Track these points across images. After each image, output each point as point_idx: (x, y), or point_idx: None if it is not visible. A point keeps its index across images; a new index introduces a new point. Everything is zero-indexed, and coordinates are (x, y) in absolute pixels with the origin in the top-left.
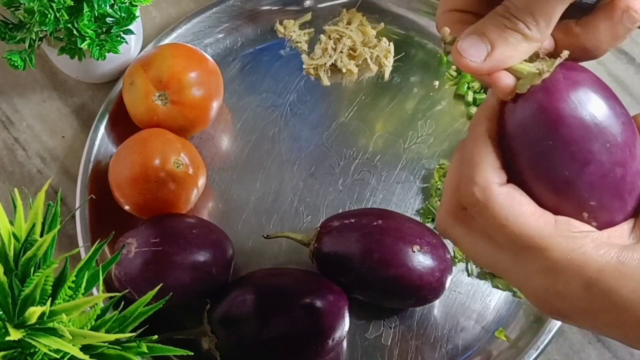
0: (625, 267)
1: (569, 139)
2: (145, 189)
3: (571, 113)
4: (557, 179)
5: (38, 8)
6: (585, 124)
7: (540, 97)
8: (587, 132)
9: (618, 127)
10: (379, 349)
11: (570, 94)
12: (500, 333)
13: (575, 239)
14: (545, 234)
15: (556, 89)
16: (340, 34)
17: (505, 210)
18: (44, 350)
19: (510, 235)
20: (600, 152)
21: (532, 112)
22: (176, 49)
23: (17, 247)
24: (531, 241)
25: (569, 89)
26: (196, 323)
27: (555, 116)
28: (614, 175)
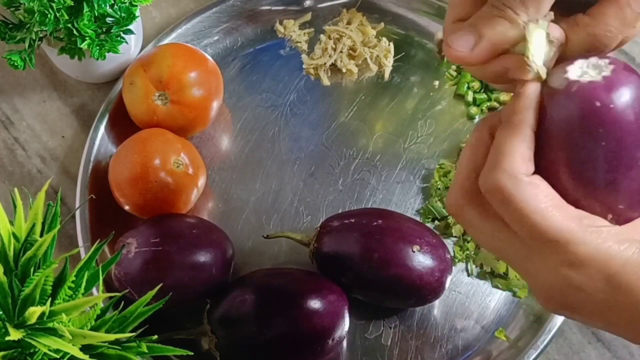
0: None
1: (617, 142)
2: (145, 189)
3: (622, 117)
4: (595, 180)
5: (38, 8)
6: (635, 129)
7: (590, 95)
8: (636, 137)
9: None
10: (379, 349)
11: (622, 96)
12: (500, 333)
13: (600, 233)
14: (570, 228)
15: (609, 89)
16: (340, 33)
17: (532, 202)
18: (44, 350)
19: (533, 227)
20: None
21: (579, 111)
22: (176, 49)
23: (17, 247)
24: (556, 235)
25: (622, 90)
26: (196, 323)
27: (606, 118)
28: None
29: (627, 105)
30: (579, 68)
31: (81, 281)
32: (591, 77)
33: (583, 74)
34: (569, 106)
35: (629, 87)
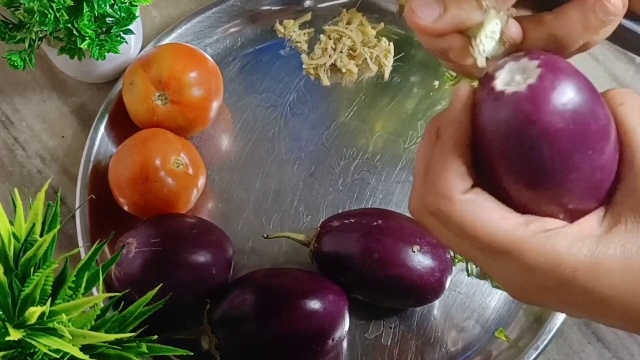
0: (599, 266)
1: (551, 151)
2: (145, 189)
3: (550, 126)
4: (536, 185)
5: (38, 8)
6: (571, 133)
7: (515, 108)
8: (573, 141)
9: (600, 131)
10: (379, 349)
11: (547, 105)
12: (500, 333)
13: (548, 238)
14: (516, 237)
15: (540, 92)
16: (340, 33)
17: (470, 220)
18: (44, 350)
19: (480, 244)
20: (582, 161)
21: (506, 123)
22: (176, 49)
23: (17, 247)
24: (503, 247)
25: (547, 99)
26: (196, 323)
27: (533, 130)
28: (594, 179)
29: (554, 113)
30: (508, 73)
31: (81, 281)
32: (516, 86)
33: (510, 81)
34: (498, 116)
35: (555, 94)
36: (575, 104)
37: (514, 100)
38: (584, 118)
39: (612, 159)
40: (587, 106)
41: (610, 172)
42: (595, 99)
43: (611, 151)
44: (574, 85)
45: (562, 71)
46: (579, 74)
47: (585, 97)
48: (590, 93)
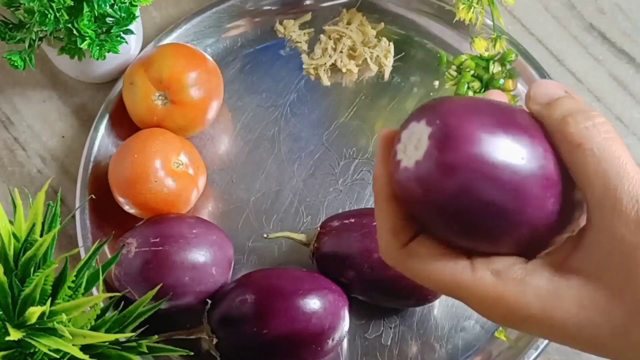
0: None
1: (461, 223)
2: (145, 189)
3: (446, 201)
4: (470, 243)
5: (38, 8)
6: (471, 203)
7: (412, 179)
8: (475, 212)
9: (511, 191)
10: (379, 349)
11: (432, 185)
12: (500, 333)
13: (495, 283)
14: (463, 282)
15: (418, 178)
16: (340, 33)
17: (417, 271)
18: (44, 350)
19: (438, 289)
20: (498, 225)
21: (410, 191)
22: (176, 49)
23: (17, 247)
24: (455, 292)
25: (430, 178)
26: (196, 323)
27: (431, 205)
28: (521, 235)
29: (446, 189)
30: (404, 140)
31: (81, 281)
32: (407, 161)
33: (405, 149)
34: (400, 183)
35: (442, 172)
36: (470, 173)
37: (405, 178)
38: (485, 184)
39: (539, 208)
40: (489, 167)
41: (538, 221)
42: (509, 144)
43: (539, 198)
44: (467, 157)
45: (455, 144)
46: (486, 126)
47: (487, 156)
48: (498, 144)
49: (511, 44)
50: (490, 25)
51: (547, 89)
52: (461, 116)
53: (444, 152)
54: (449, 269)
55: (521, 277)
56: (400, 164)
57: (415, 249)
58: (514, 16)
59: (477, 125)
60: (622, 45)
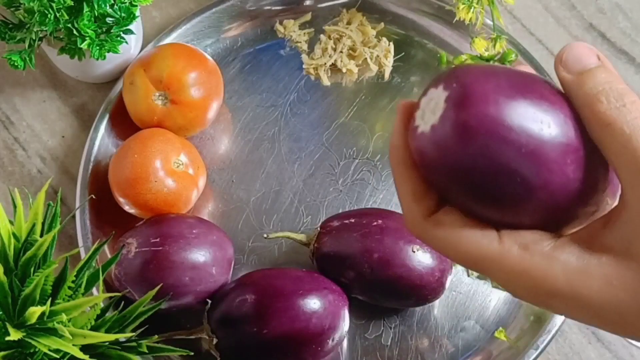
0: (581, 276)
1: (475, 189)
2: (145, 189)
3: (459, 165)
4: (487, 206)
5: (38, 8)
6: (488, 166)
7: (422, 149)
8: (494, 173)
9: (527, 155)
10: (379, 349)
11: (459, 141)
12: (500, 333)
13: (522, 255)
14: (492, 254)
15: (433, 141)
16: (340, 33)
17: (444, 242)
18: (44, 350)
19: (464, 260)
20: (516, 191)
21: (429, 155)
22: (176, 49)
23: (17, 247)
24: (483, 264)
25: (457, 134)
26: (196, 323)
27: (445, 169)
28: (539, 199)
29: (462, 151)
30: (423, 106)
31: (81, 281)
32: (423, 126)
33: (423, 115)
34: (420, 149)
35: (453, 134)
36: (486, 134)
37: (422, 142)
38: (501, 145)
39: (562, 174)
40: (505, 129)
41: (561, 189)
42: (526, 106)
43: (558, 162)
44: (483, 118)
45: (470, 104)
46: (502, 92)
47: (504, 117)
48: (515, 106)
49: (511, 44)
50: (490, 25)
51: (581, 55)
52: (478, 79)
53: (459, 113)
54: (476, 239)
55: (549, 251)
56: (418, 129)
57: (441, 218)
58: (514, 16)
59: (494, 88)
60: (622, 45)
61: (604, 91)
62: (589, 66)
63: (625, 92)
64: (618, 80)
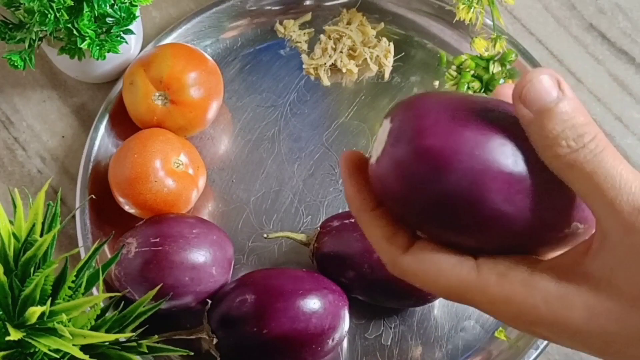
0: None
1: (440, 219)
2: (145, 189)
3: (412, 194)
4: (443, 231)
5: (38, 8)
6: (433, 197)
7: (373, 175)
8: (440, 203)
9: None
10: (379, 349)
11: (396, 173)
12: (500, 333)
13: (500, 284)
14: (470, 285)
15: (382, 168)
16: (340, 33)
17: (423, 278)
18: (44, 350)
19: (445, 291)
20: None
21: (380, 185)
22: (176, 49)
23: (17, 247)
24: (463, 296)
25: (388, 174)
26: (196, 323)
27: (405, 200)
28: (495, 227)
29: (399, 185)
30: (377, 137)
31: (81, 281)
32: (373, 158)
33: (375, 147)
34: (372, 182)
35: (395, 167)
36: (420, 164)
37: (371, 173)
38: (437, 174)
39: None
40: (443, 157)
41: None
42: (467, 135)
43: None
44: (419, 150)
45: (408, 138)
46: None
47: (439, 148)
48: (451, 135)
49: (511, 44)
50: (490, 25)
51: (541, 91)
52: (420, 111)
53: (394, 146)
54: (455, 270)
55: (527, 277)
56: (370, 160)
57: (417, 253)
58: (514, 16)
59: (433, 119)
60: (622, 45)
61: (563, 134)
62: (549, 104)
63: (584, 129)
64: (578, 113)
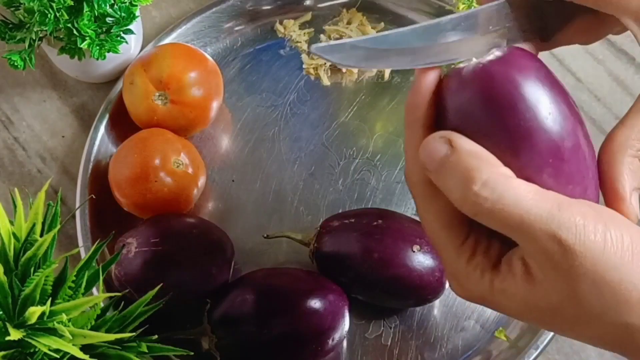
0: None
1: (521, 108)
2: (145, 189)
3: (524, 81)
4: (522, 149)
5: (38, 8)
6: (537, 94)
7: (494, 65)
8: (538, 102)
9: (569, 110)
10: (379, 349)
11: (517, 82)
12: (500, 333)
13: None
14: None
15: (506, 60)
16: (340, 33)
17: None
18: (44, 350)
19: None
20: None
21: (483, 84)
22: (176, 49)
23: (17, 246)
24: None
25: (515, 76)
26: (196, 323)
27: (504, 86)
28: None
29: (521, 72)
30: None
31: (81, 281)
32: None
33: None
34: (468, 89)
35: (521, 62)
36: (538, 77)
37: (481, 69)
38: (550, 88)
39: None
40: (547, 93)
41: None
42: (554, 89)
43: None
44: (534, 70)
45: (522, 55)
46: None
47: (544, 83)
48: (550, 83)
49: None
50: None
51: (430, 152)
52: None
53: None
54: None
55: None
56: (470, 66)
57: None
58: None
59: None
60: (622, 45)
61: (455, 188)
62: (436, 165)
63: (471, 177)
64: (464, 161)
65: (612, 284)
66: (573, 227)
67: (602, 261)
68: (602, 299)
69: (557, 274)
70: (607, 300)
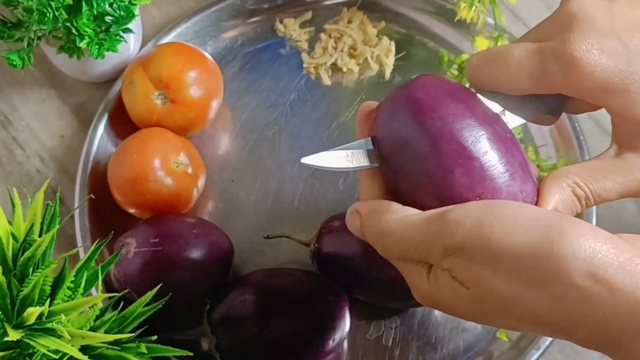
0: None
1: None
2: (144, 189)
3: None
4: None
5: (37, 7)
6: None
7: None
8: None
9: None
10: (380, 349)
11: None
12: (502, 333)
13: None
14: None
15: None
16: (341, 32)
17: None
18: (43, 351)
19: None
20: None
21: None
22: (176, 48)
23: (16, 247)
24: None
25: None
26: (196, 323)
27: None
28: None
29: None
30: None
31: (80, 281)
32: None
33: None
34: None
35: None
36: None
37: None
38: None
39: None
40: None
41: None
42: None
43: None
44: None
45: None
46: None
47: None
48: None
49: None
50: (491, 24)
51: (351, 229)
52: (421, 80)
53: (392, 94)
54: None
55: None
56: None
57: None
58: (516, 15)
59: (429, 86)
60: None
61: (374, 243)
62: (359, 233)
63: (379, 234)
64: (369, 224)
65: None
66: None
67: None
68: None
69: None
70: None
